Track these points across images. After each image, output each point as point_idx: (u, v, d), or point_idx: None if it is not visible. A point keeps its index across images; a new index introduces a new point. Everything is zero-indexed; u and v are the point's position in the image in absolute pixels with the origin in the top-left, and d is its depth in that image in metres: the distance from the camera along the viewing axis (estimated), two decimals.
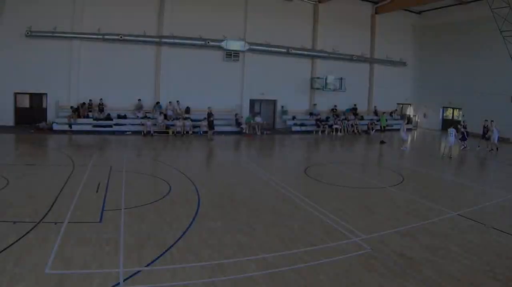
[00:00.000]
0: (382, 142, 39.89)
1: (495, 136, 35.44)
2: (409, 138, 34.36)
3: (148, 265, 11.23)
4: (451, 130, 31.95)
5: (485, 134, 38.54)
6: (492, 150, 34.70)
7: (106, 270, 10.81)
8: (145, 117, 41.71)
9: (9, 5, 38.97)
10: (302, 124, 48.45)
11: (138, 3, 42.91)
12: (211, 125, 40.33)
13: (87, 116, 41.00)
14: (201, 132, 41.82)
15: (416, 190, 21.54)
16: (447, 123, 53.09)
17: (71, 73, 41.40)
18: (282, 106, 50.34)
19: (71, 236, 12.97)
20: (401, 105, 60.14)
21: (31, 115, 41.06)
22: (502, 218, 17.30)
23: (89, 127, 40.07)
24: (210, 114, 40.75)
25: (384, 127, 42.58)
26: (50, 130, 38.81)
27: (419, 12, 58.07)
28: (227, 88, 47.02)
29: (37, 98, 42.68)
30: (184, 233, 13.87)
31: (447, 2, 50.31)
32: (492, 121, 36.73)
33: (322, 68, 51.10)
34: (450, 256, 12.73)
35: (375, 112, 54.30)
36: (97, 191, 18.59)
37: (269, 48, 48.04)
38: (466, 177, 26.29)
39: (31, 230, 13.28)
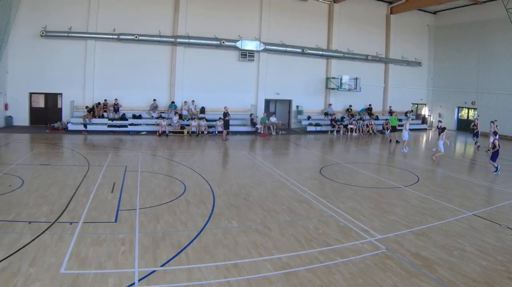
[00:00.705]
0: (397, 142, 39.10)
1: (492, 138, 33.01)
2: (411, 139, 33.61)
3: (163, 265, 11.18)
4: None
5: (474, 132, 37.78)
6: (488, 150, 31.73)
7: (121, 270, 10.79)
8: (160, 117, 41.46)
9: (24, 5, 38.82)
10: (317, 124, 47.69)
11: (153, 3, 42.76)
12: (226, 125, 40.38)
13: (102, 116, 40.94)
14: (216, 132, 41.41)
15: (432, 190, 21.21)
16: (462, 123, 53.34)
17: (86, 73, 41.34)
18: (297, 106, 49.89)
19: (86, 236, 12.94)
20: (416, 105, 59.75)
21: (46, 116, 40.99)
22: None
23: (104, 127, 39.87)
24: (226, 114, 40.69)
25: (394, 127, 41.81)
26: (65, 130, 38.76)
27: (434, 12, 57.31)
28: (242, 88, 46.90)
29: (52, 98, 42.57)
30: (199, 233, 13.77)
31: (462, 2, 49.68)
32: (492, 121, 35.24)
33: (337, 68, 50.65)
34: (465, 256, 12.58)
35: (390, 113, 52.81)
36: (112, 191, 18.55)
37: (284, 48, 47.55)
38: (482, 177, 25.64)
39: (46, 230, 13.25)
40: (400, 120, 45.77)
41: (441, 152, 29.59)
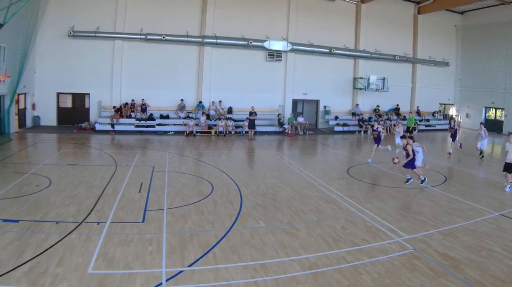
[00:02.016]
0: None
1: (484, 142, 30.15)
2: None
3: (190, 265, 11.12)
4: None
5: (452, 135, 34.01)
6: (483, 157, 30.44)
7: (149, 270, 10.75)
8: (187, 117, 41.12)
9: (52, 6, 38.30)
10: (344, 125, 46.90)
11: (181, 3, 42.50)
12: (251, 124, 40.11)
13: (130, 117, 40.71)
14: (243, 132, 40.87)
15: (459, 190, 20.79)
16: (489, 124, 52.15)
17: (114, 73, 41.08)
18: (325, 107, 48.95)
19: (114, 236, 12.94)
20: (443, 106, 58.22)
21: (73, 116, 40.74)
22: None
23: (131, 128, 39.39)
24: (252, 113, 40.36)
25: (410, 128, 40.68)
26: (93, 130, 38.60)
27: (462, 12, 55.78)
28: (269, 89, 46.19)
29: (79, 98, 42.16)
30: (227, 233, 13.70)
31: (489, 2, 48.07)
32: (481, 123, 31.87)
33: (364, 68, 49.70)
34: (492, 256, 12.38)
35: (418, 113, 52.39)
36: (139, 191, 18.53)
37: (312, 48, 46.70)
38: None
39: (73, 230, 13.24)
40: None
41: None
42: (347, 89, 50.30)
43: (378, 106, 50.83)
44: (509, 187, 21.00)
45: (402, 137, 22.99)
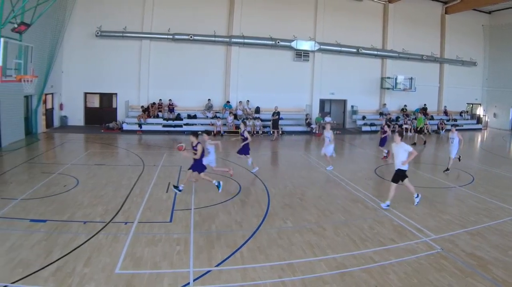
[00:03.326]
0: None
1: (454, 148, 24.76)
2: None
3: (218, 265, 10.97)
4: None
5: (382, 138, 29.86)
6: (447, 169, 25.08)
7: (176, 270, 10.61)
8: (215, 117, 40.82)
9: (79, 6, 37.98)
10: (372, 124, 46.11)
11: (208, 3, 41.87)
12: (275, 124, 39.48)
13: (157, 116, 40.27)
14: (271, 132, 40.03)
15: (487, 190, 20.28)
16: None
17: (141, 73, 40.79)
18: (352, 106, 48.17)
19: (141, 236, 12.80)
20: (471, 105, 57.01)
21: (101, 115, 40.55)
22: None
23: (159, 127, 39.12)
24: (274, 113, 39.55)
25: (419, 128, 38.80)
26: (120, 130, 38.49)
27: (489, 12, 54.51)
28: (297, 88, 45.47)
29: (107, 98, 41.97)
30: (254, 233, 13.49)
31: None
32: (453, 125, 28.74)
33: (392, 68, 48.53)
34: None
35: (445, 113, 51.84)
36: (167, 191, 18.33)
37: (339, 48, 45.73)
38: None
39: (101, 230, 13.11)
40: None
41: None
42: (374, 89, 49.36)
43: (405, 106, 49.55)
44: None
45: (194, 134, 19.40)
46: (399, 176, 16.72)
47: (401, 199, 18.21)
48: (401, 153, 16.54)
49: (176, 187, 18.28)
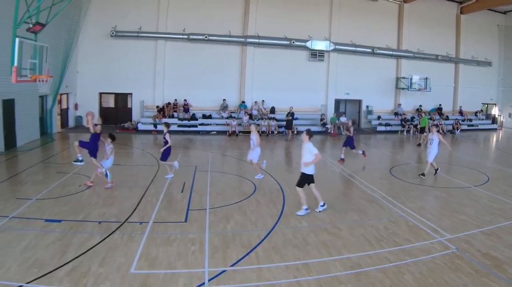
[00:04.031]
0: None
1: (432, 150, 22.76)
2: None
3: (233, 265, 10.89)
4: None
5: (347, 140, 27.53)
6: (423, 174, 23.07)
7: (191, 270, 10.56)
8: (230, 117, 40.46)
9: (94, 6, 37.85)
10: (387, 124, 45.52)
11: (223, 3, 41.56)
12: (288, 124, 38.86)
13: (172, 116, 39.79)
14: (286, 132, 39.71)
15: (502, 190, 20.02)
16: None
17: (156, 73, 40.63)
18: (367, 106, 47.67)
19: (156, 236, 12.74)
20: (486, 105, 56.35)
21: (116, 115, 40.38)
22: None
23: (174, 127, 37.98)
24: (288, 114, 39.13)
25: (423, 128, 38.62)
26: (135, 130, 38.23)
27: (505, 12, 53.77)
28: (312, 88, 44.89)
29: (122, 98, 41.84)
30: (269, 233, 13.39)
31: None
32: (434, 125, 24.63)
33: (407, 68, 47.82)
34: None
35: (461, 113, 51.13)
36: (182, 191, 18.25)
37: (354, 48, 45.29)
38: None
39: (116, 230, 13.07)
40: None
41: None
42: (389, 89, 48.69)
43: (420, 106, 48.69)
44: None
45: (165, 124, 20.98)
46: (304, 180, 15.63)
47: (416, 199, 18.24)
48: (307, 154, 15.55)
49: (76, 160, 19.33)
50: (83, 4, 35.82)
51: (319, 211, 15.90)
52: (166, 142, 20.44)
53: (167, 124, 21.39)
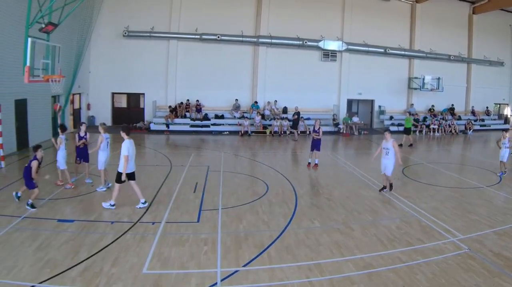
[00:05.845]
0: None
1: (389, 162, 19.08)
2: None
3: (245, 265, 10.87)
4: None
5: (313, 144, 24.95)
6: (385, 187, 19.82)
7: (204, 270, 10.54)
8: (242, 117, 40.08)
9: (106, 6, 37.64)
10: (399, 124, 44.10)
11: (236, 3, 41.17)
12: (294, 124, 38.38)
13: (184, 116, 39.56)
14: (298, 132, 39.10)
15: None
16: None
17: (168, 73, 40.40)
18: (380, 106, 46.97)
19: (169, 236, 12.74)
20: (498, 105, 55.56)
21: (128, 115, 40.00)
22: None
23: (186, 128, 38.49)
24: (294, 113, 38.90)
25: (409, 129, 36.46)
26: (148, 130, 38.00)
27: None
28: (324, 88, 44.22)
29: (134, 98, 41.56)
30: (282, 233, 13.34)
31: None
32: (386, 131, 20.39)
33: (419, 68, 47.23)
34: None
35: (473, 113, 50.42)
36: (194, 191, 18.21)
37: (367, 48, 44.70)
38: None
39: (128, 230, 13.07)
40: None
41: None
42: (402, 89, 47.91)
43: (433, 106, 47.99)
44: None
45: None
46: (119, 177, 15.60)
47: (429, 199, 18.15)
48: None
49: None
50: (96, 4, 35.60)
51: (139, 207, 15.92)
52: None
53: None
